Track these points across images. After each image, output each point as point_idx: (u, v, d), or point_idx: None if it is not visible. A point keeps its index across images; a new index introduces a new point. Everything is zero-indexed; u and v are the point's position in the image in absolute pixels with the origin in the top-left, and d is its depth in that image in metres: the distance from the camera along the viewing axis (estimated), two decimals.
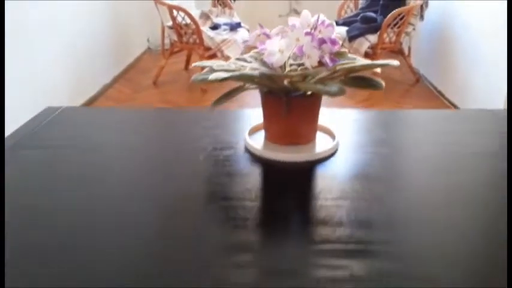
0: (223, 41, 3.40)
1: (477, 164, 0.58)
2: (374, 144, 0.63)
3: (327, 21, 0.52)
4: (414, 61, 3.57)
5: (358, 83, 0.48)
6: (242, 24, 3.66)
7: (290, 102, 0.51)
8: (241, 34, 3.51)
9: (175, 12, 3.31)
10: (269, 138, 0.57)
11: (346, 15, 3.69)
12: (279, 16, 4.39)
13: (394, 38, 3.31)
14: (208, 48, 3.43)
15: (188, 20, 3.34)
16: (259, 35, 0.53)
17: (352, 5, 3.82)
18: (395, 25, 3.24)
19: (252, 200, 0.48)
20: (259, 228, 0.45)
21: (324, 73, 0.48)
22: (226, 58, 3.40)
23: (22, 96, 2.15)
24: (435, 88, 3.34)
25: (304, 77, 0.48)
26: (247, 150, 0.58)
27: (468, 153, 0.60)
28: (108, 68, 3.57)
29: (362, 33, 3.26)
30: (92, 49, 3.23)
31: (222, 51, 3.41)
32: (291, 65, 0.51)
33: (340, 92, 0.45)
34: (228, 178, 0.53)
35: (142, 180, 0.54)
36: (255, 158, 0.57)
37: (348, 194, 0.49)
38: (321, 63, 0.49)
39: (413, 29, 3.40)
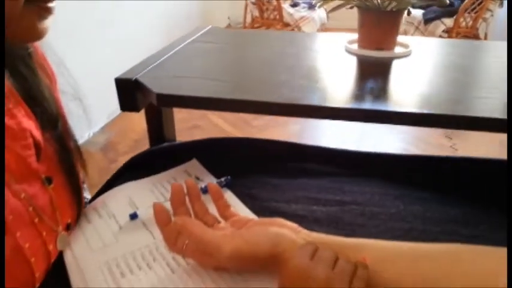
0: (302, 18, 3.63)
1: None
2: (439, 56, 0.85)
3: None
4: None
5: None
6: None
7: (379, 16, 0.75)
8: (319, 12, 3.71)
9: None
10: (361, 46, 0.81)
11: None
12: None
13: (470, 23, 3.36)
14: (286, 24, 3.68)
15: None
16: None
17: None
18: (472, 10, 3.29)
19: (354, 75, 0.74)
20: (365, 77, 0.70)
21: None
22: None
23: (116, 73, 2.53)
24: None
25: None
26: (348, 52, 0.83)
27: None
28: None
29: (438, 16, 3.34)
30: (173, 27, 3.60)
31: (299, 28, 3.64)
32: None
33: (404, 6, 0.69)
34: (337, 63, 0.79)
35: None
36: (353, 55, 0.82)
37: (419, 71, 0.73)
38: None
39: (491, 15, 3.42)
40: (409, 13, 0.78)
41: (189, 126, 2.68)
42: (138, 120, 2.42)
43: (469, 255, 0.43)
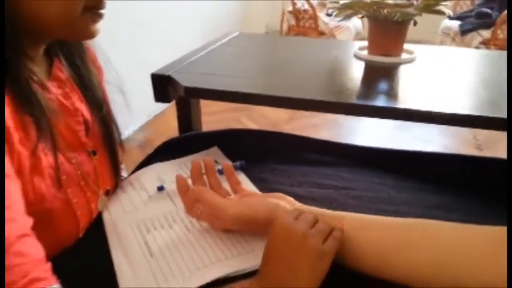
0: (337, 27, 3.70)
1: None
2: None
3: None
4: None
5: (427, 10, 0.78)
6: None
7: (386, 25, 0.83)
8: (354, 22, 3.77)
9: None
10: (370, 52, 0.90)
11: (461, 11, 3.75)
12: None
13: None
14: (322, 33, 3.76)
15: (307, 6, 3.70)
16: None
17: (468, 1, 3.85)
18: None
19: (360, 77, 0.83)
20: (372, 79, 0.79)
21: (410, 7, 0.79)
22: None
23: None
24: None
25: (401, 6, 0.80)
26: (356, 56, 0.92)
27: None
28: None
29: (475, 28, 3.32)
30: (212, 31, 3.75)
31: (334, 36, 3.71)
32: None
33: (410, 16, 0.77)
34: (348, 67, 0.88)
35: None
36: (361, 61, 0.90)
37: (421, 75, 0.81)
38: (410, 3, 0.80)
39: None
40: (415, 23, 0.86)
41: (224, 126, 2.82)
42: (175, 120, 2.59)
43: (434, 228, 0.51)
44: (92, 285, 0.52)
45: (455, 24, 3.40)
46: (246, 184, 0.71)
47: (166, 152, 0.82)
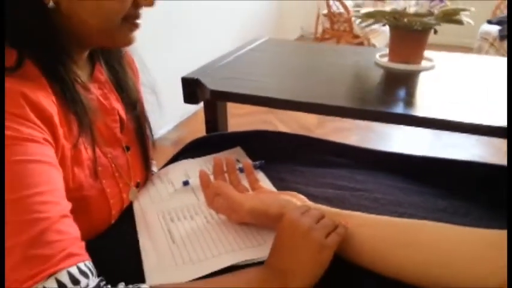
0: (371, 30, 3.68)
1: None
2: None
3: None
4: None
5: (446, 19, 0.81)
6: None
7: (407, 33, 0.86)
8: None
9: (331, 2, 3.71)
10: (391, 59, 0.93)
11: (502, 15, 3.65)
12: None
13: None
14: (356, 36, 3.76)
15: (342, 9, 3.71)
16: None
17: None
18: None
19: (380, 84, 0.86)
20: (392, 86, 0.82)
21: (429, 16, 0.82)
22: (372, 46, 3.68)
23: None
24: None
25: (419, 17, 0.83)
26: (377, 64, 0.95)
27: None
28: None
29: None
30: (248, 32, 3.82)
31: (369, 40, 3.70)
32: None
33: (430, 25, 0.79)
34: (369, 74, 0.91)
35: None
36: (382, 68, 0.94)
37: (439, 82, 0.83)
38: (429, 12, 0.83)
39: None
40: (435, 32, 0.88)
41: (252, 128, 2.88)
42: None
43: (434, 229, 0.55)
44: (120, 264, 0.59)
45: (495, 29, 3.32)
46: (264, 182, 0.76)
47: (193, 150, 0.88)
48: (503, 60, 1.02)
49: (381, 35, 3.66)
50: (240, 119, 2.80)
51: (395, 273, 0.53)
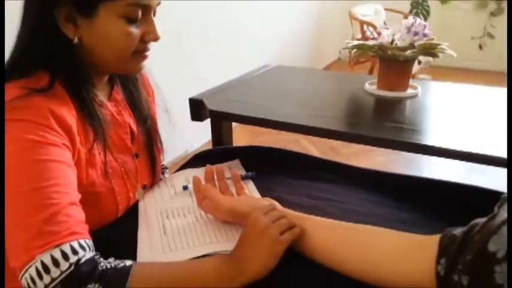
0: None
1: None
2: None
3: (423, 23, 0.95)
4: None
5: (425, 52, 0.90)
6: None
7: (392, 64, 0.96)
8: None
9: (365, 27, 3.80)
10: (379, 87, 1.02)
11: None
12: (471, 38, 4.42)
13: None
14: None
15: (376, 35, 3.78)
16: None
17: None
18: None
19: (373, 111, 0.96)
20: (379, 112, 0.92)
21: (409, 50, 0.91)
22: None
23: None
24: None
25: (401, 49, 0.92)
26: (366, 92, 1.05)
27: None
28: (297, 61, 4.29)
29: None
30: (286, 51, 3.96)
31: None
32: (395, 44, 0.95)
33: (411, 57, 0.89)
34: (359, 102, 1.02)
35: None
36: (371, 95, 1.04)
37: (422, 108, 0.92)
38: (411, 45, 0.92)
39: None
40: (419, 62, 0.97)
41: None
42: (239, 140, 2.84)
43: (374, 232, 0.64)
44: (119, 250, 0.72)
45: None
46: (252, 190, 0.88)
47: (198, 161, 1.02)
48: (485, 89, 1.08)
49: None
50: (267, 137, 2.93)
51: (340, 269, 0.62)
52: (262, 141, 3.04)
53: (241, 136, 2.99)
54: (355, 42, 0.98)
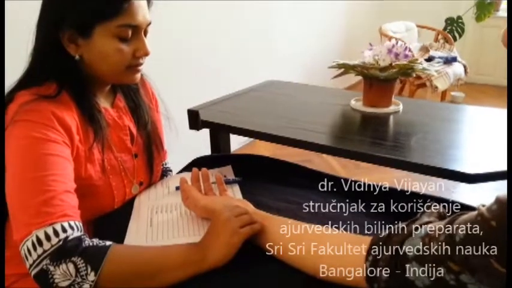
0: (436, 71, 3.70)
1: None
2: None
3: (404, 45, 1.02)
4: None
5: (402, 73, 0.96)
6: (458, 59, 3.87)
7: (375, 82, 1.03)
8: (455, 68, 3.74)
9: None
10: (364, 103, 1.09)
11: None
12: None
13: None
14: (418, 77, 3.80)
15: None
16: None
17: None
18: None
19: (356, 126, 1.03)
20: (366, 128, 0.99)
21: (390, 70, 0.98)
22: (434, 88, 3.70)
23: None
24: None
25: (380, 69, 0.99)
26: (352, 108, 1.12)
27: None
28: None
29: None
30: (310, 66, 4.03)
31: (431, 81, 3.72)
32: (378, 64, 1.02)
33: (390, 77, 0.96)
34: (345, 118, 1.09)
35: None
36: (356, 112, 1.11)
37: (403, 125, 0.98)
38: (391, 66, 0.99)
39: None
40: (401, 81, 1.04)
41: (303, 159, 3.06)
42: (265, 149, 2.95)
43: (330, 231, 0.72)
44: (108, 236, 0.83)
45: None
46: (236, 193, 0.97)
47: (195, 165, 1.12)
48: (467, 107, 1.12)
49: (443, 76, 3.67)
50: (278, 150, 3.02)
51: (293, 262, 0.70)
52: (284, 152, 3.12)
53: (262, 150, 3.08)
54: (341, 61, 1.05)
